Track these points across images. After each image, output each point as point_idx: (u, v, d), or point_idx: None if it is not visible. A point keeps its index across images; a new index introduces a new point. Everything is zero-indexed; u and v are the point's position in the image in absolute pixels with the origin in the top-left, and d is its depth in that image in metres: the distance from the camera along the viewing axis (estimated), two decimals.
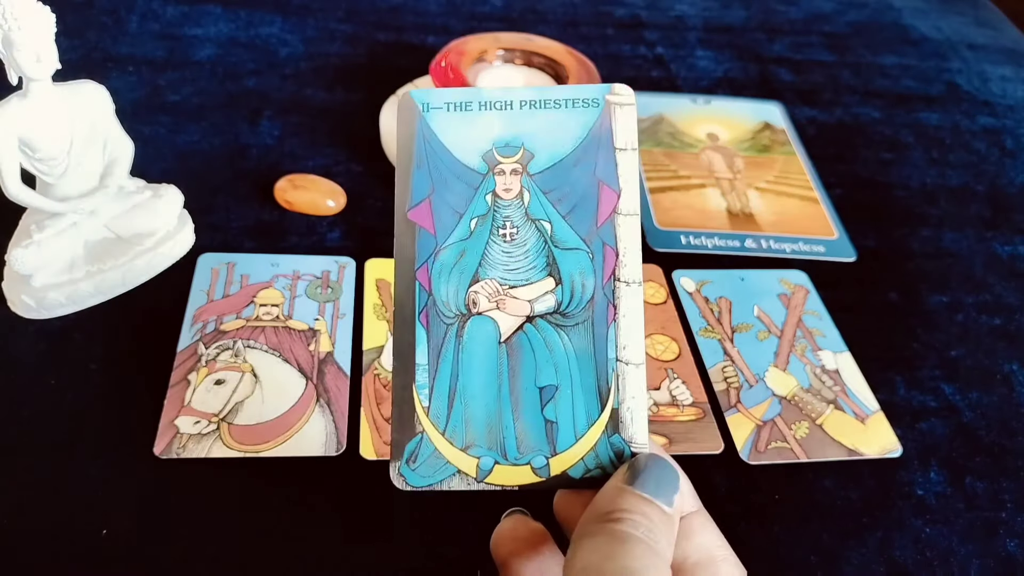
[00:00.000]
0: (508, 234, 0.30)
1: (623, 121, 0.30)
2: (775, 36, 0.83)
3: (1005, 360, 0.52)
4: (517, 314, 0.29)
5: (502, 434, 0.29)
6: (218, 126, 0.61)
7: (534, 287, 0.30)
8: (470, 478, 0.29)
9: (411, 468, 0.29)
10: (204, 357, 0.45)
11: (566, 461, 0.29)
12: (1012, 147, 0.72)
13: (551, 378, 0.29)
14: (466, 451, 0.29)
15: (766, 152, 0.66)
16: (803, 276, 0.55)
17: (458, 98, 0.30)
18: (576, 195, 0.30)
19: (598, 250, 0.30)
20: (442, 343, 0.29)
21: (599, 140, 0.30)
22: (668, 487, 0.26)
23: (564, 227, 0.30)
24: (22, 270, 0.44)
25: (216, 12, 0.74)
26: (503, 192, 0.30)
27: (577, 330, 0.29)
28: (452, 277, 0.30)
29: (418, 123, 0.30)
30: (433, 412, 0.29)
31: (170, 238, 0.50)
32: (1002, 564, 0.41)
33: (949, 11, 0.93)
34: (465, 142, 0.30)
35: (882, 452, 0.45)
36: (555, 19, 0.81)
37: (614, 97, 0.30)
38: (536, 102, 0.30)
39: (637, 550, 0.24)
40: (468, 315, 0.29)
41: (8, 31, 0.41)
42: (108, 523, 0.38)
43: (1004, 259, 0.60)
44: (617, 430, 0.29)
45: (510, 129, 0.30)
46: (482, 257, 0.30)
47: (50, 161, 0.45)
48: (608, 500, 0.26)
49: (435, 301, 0.29)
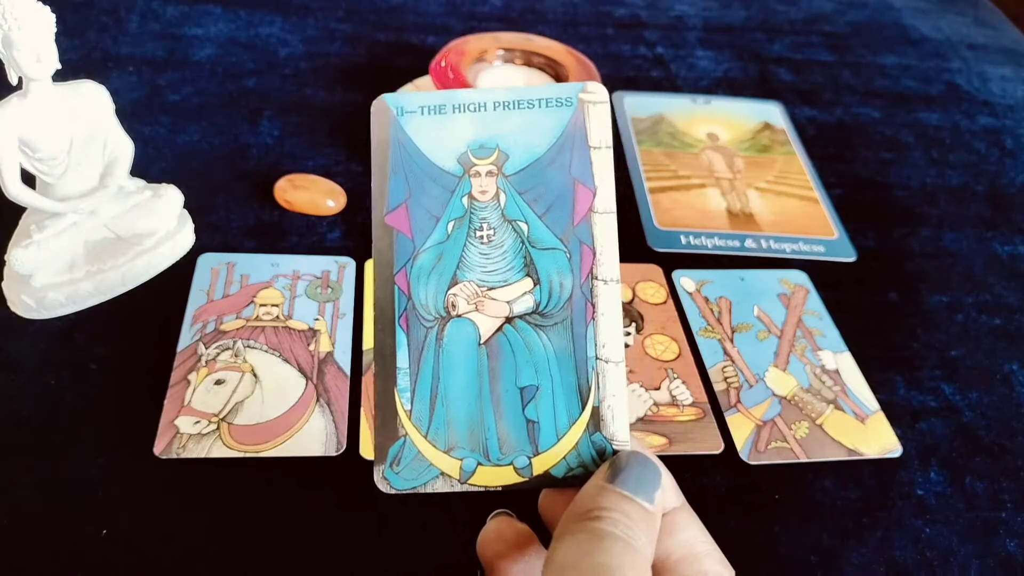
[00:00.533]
0: (485, 236, 0.30)
1: (597, 119, 0.30)
2: (775, 36, 0.83)
3: (1005, 360, 0.52)
4: (496, 315, 0.30)
5: (484, 435, 0.29)
6: (218, 126, 0.61)
7: (512, 288, 0.30)
8: (453, 480, 0.29)
9: (395, 471, 0.29)
10: (204, 357, 0.45)
11: (548, 460, 0.29)
12: (1012, 147, 0.72)
13: (531, 378, 0.29)
14: (449, 453, 0.29)
15: (766, 152, 0.66)
16: (803, 276, 0.55)
17: (432, 101, 0.30)
18: (552, 195, 0.30)
19: (575, 249, 0.30)
20: (422, 346, 0.29)
21: (573, 139, 0.30)
22: (649, 484, 0.26)
23: (541, 227, 0.30)
24: (22, 270, 0.44)
25: (216, 12, 0.74)
26: (479, 194, 0.30)
27: (556, 329, 0.29)
28: (431, 280, 0.30)
29: (392, 127, 0.30)
30: (415, 415, 0.29)
31: (170, 238, 0.50)
32: (1002, 564, 0.41)
33: (949, 11, 0.93)
34: (440, 145, 0.30)
35: (882, 452, 0.45)
36: (555, 19, 0.81)
37: (587, 95, 0.30)
38: (509, 103, 0.30)
39: (615, 547, 0.24)
40: (448, 317, 0.30)
41: (8, 31, 0.41)
42: (108, 523, 0.38)
43: (1004, 259, 0.60)
44: (598, 428, 0.29)
45: (484, 131, 0.30)
46: (460, 259, 0.30)
47: (50, 161, 0.45)
48: (589, 498, 0.26)
49: (414, 304, 0.30)
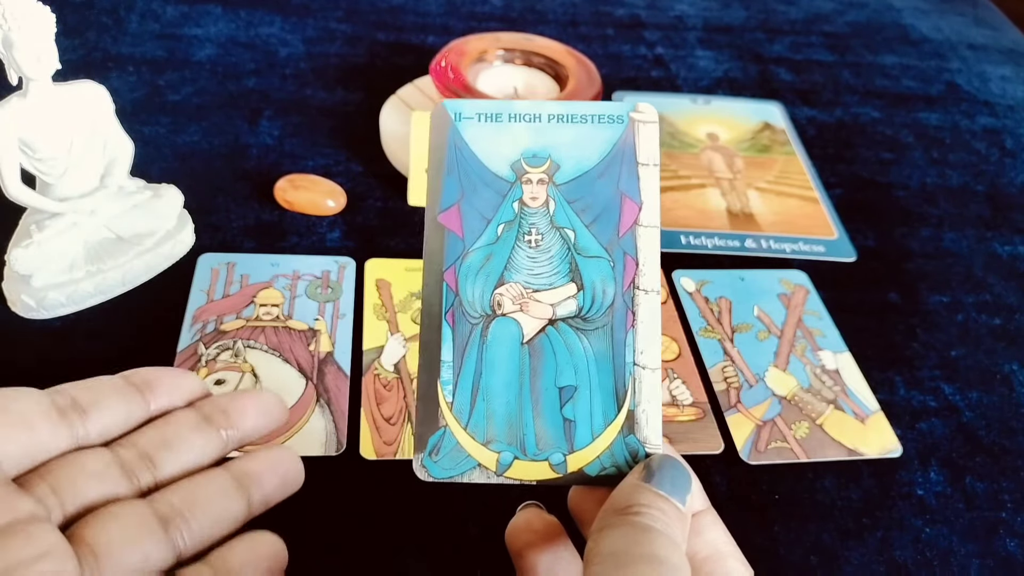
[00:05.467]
0: (533, 240, 0.31)
1: (646, 138, 0.31)
2: (775, 36, 0.83)
3: (1005, 360, 0.52)
4: (540, 317, 0.31)
5: (522, 431, 0.30)
6: (218, 126, 0.61)
7: (557, 292, 0.31)
8: (490, 472, 0.30)
9: (433, 460, 0.30)
10: (204, 357, 0.45)
11: (583, 459, 0.30)
12: (1012, 147, 0.72)
13: (571, 379, 0.30)
14: (487, 446, 0.30)
15: (766, 152, 0.66)
16: (803, 276, 0.55)
17: (489, 109, 0.32)
18: (599, 206, 0.31)
19: (619, 259, 0.31)
20: (467, 342, 0.30)
21: (623, 155, 0.31)
22: (682, 486, 0.27)
23: (587, 236, 0.31)
24: (22, 270, 0.44)
25: (216, 12, 0.74)
26: (530, 200, 0.31)
27: (597, 334, 0.30)
28: (478, 279, 0.31)
29: (450, 131, 0.31)
30: (456, 407, 0.30)
31: (170, 238, 0.50)
32: (1002, 564, 0.41)
33: (949, 11, 0.93)
34: (495, 151, 0.31)
35: (882, 452, 0.45)
36: (555, 19, 0.81)
37: (638, 115, 0.31)
38: (563, 116, 0.32)
39: (660, 540, 0.25)
40: (493, 316, 0.30)
41: (8, 31, 0.41)
42: None
43: (1004, 259, 0.60)
44: (632, 431, 0.30)
45: (538, 141, 0.31)
46: (508, 261, 0.31)
47: (50, 161, 0.45)
48: (626, 496, 0.27)
49: (461, 302, 0.30)
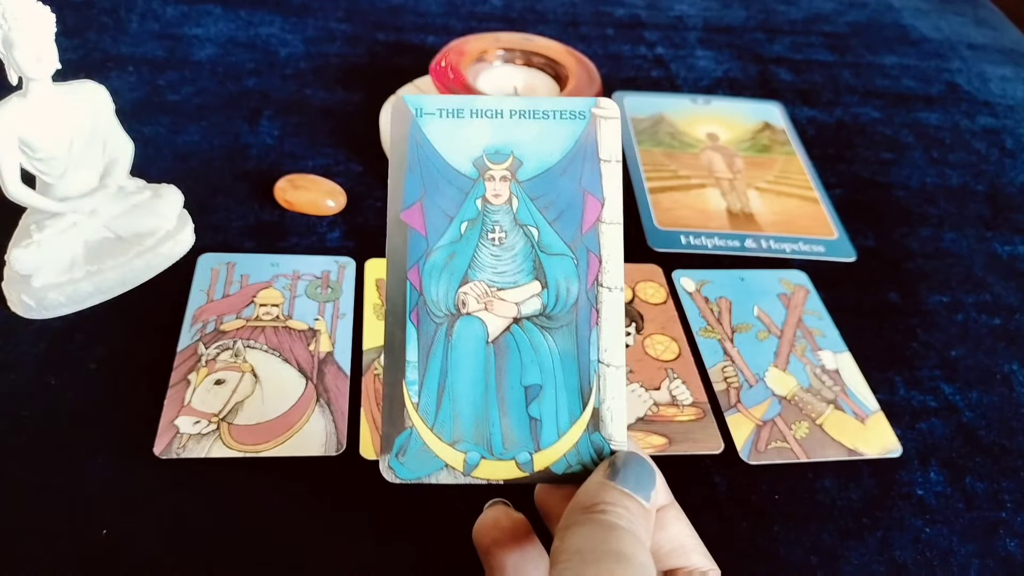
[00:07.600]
0: (497, 238, 0.31)
1: (608, 134, 0.31)
2: (775, 36, 0.83)
3: (1005, 360, 0.52)
4: (505, 315, 0.30)
5: (488, 430, 0.30)
6: (218, 126, 0.61)
7: (521, 290, 0.31)
8: (457, 472, 0.30)
9: (400, 461, 0.30)
10: (204, 357, 0.45)
11: (549, 457, 0.30)
12: (1012, 147, 0.72)
13: (536, 377, 0.30)
14: (454, 446, 0.30)
15: (766, 152, 0.66)
16: (803, 276, 0.55)
17: (450, 105, 0.31)
18: (562, 203, 0.31)
19: (582, 256, 0.31)
20: (432, 341, 0.30)
21: (585, 151, 0.31)
22: (646, 483, 0.28)
23: (551, 233, 0.31)
24: (22, 270, 0.44)
25: (216, 12, 0.74)
26: (493, 197, 0.31)
27: (561, 332, 0.30)
28: (442, 278, 0.30)
29: (411, 127, 0.31)
30: (422, 408, 0.30)
31: (170, 238, 0.50)
32: (1002, 564, 0.41)
33: (949, 11, 0.93)
34: (457, 148, 0.31)
35: (882, 452, 0.45)
36: (555, 19, 0.81)
37: (600, 111, 0.31)
38: (526, 112, 0.31)
39: (626, 538, 0.26)
40: (457, 315, 0.30)
41: (8, 31, 0.41)
42: (108, 523, 0.38)
43: (1004, 259, 0.60)
44: (598, 428, 0.30)
45: (500, 137, 0.31)
46: (472, 259, 0.31)
47: (50, 161, 0.45)
48: (591, 494, 0.27)
49: (425, 301, 0.30)
